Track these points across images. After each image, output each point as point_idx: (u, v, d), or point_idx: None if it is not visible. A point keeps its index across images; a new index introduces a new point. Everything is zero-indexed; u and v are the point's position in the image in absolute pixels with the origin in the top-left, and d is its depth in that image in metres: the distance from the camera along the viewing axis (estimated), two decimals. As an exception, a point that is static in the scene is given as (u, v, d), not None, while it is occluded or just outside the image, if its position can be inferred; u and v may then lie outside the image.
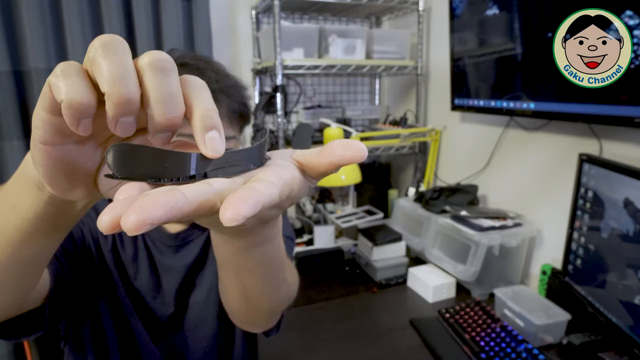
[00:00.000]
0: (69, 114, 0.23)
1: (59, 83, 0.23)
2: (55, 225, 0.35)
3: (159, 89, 0.24)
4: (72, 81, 0.23)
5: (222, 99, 0.66)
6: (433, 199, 1.49)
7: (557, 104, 1.11)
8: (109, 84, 0.23)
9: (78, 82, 0.23)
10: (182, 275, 0.76)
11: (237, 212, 0.21)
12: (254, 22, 1.84)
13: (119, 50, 0.24)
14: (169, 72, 0.25)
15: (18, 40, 1.44)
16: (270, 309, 0.58)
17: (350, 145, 0.27)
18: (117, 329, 0.73)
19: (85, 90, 0.23)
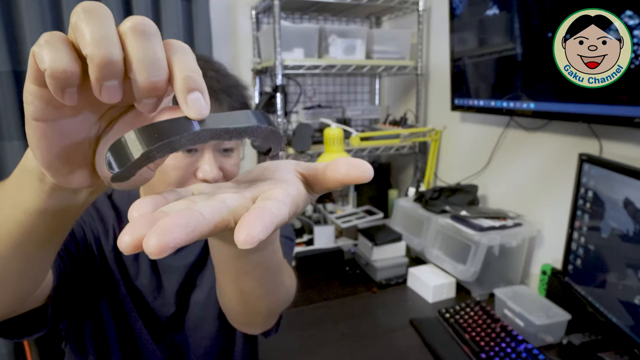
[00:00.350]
0: (53, 83, 0.23)
1: (42, 52, 0.23)
2: (59, 217, 0.35)
3: (141, 52, 0.24)
4: (55, 49, 0.23)
5: (223, 99, 0.66)
6: (433, 199, 1.49)
7: (557, 104, 1.11)
8: (90, 46, 0.23)
9: (61, 49, 0.23)
10: (183, 274, 0.76)
11: (251, 235, 0.21)
12: (254, 22, 1.84)
13: (101, 14, 0.23)
14: (151, 35, 0.24)
15: (18, 40, 1.44)
16: (268, 311, 0.58)
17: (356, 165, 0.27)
18: (118, 328, 0.73)
19: (68, 58, 0.23)
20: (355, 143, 1.61)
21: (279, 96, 1.58)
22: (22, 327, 0.53)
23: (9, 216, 0.35)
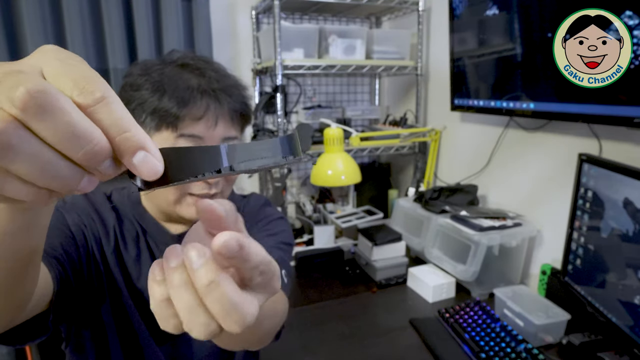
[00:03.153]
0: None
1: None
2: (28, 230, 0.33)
3: (53, 132, 0.21)
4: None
5: (223, 99, 0.66)
6: (433, 199, 1.49)
7: (557, 104, 1.11)
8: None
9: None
10: None
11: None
12: (254, 22, 1.84)
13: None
14: (53, 109, 0.21)
15: (18, 40, 1.44)
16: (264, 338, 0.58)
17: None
18: (119, 330, 0.73)
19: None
20: (355, 143, 1.61)
21: (279, 96, 1.58)
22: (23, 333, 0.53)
23: None
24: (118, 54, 1.53)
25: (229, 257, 0.26)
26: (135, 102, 0.66)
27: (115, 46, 1.52)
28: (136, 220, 0.75)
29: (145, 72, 0.66)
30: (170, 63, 0.68)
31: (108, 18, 1.50)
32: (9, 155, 0.21)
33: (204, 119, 0.65)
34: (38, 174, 0.22)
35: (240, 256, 0.26)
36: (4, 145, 0.20)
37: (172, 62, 0.68)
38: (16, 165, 0.21)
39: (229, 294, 0.25)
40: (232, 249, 0.25)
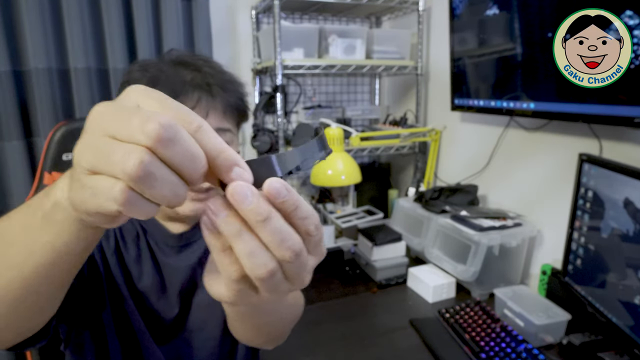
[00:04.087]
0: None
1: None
2: (95, 243, 0.36)
3: (180, 158, 0.26)
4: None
5: (217, 92, 0.67)
6: (433, 199, 1.49)
7: (557, 104, 1.11)
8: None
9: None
10: (186, 275, 0.76)
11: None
12: (254, 22, 1.84)
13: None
14: (179, 138, 0.26)
15: (18, 40, 1.44)
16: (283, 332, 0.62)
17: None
18: (119, 330, 0.73)
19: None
20: (355, 143, 1.61)
21: (279, 96, 1.58)
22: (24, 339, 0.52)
23: (41, 258, 0.34)
24: (118, 54, 1.53)
25: (279, 199, 0.28)
26: None
27: (115, 46, 1.52)
28: (136, 219, 0.75)
29: (142, 68, 0.67)
30: (168, 61, 0.69)
31: (108, 18, 1.50)
32: (149, 181, 0.24)
33: (195, 110, 0.65)
34: (166, 195, 0.26)
35: (291, 199, 0.28)
36: (147, 174, 0.24)
37: (169, 60, 0.69)
38: (152, 190, 0.25)
39: (281, 224, 0.28)
40: (281, 190, 0.28)
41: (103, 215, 0.27)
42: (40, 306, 0.41)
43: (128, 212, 0.25)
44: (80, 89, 1.51)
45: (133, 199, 0.25)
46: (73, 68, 1.49)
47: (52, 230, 0.33)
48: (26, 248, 0.34)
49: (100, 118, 0.26)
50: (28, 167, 1.51)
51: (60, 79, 1.51)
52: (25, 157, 1.50)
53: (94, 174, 0.26)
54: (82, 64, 1.49)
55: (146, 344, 0.74)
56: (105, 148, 0.25)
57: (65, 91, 1.53)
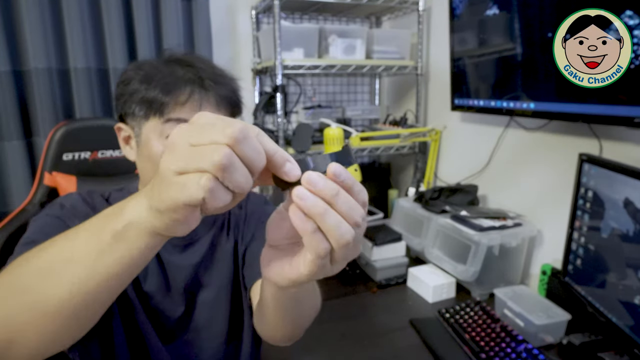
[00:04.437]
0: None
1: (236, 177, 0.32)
2: (151, 257, 0.40)
3: (250, 152, 0.32)
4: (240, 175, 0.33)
5: (209, 86, 0.68)
6: (433, 199, 1.49)
7: (557, 104, 1.11)
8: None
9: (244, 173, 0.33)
10: (189, 274, 0.77)
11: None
12: (254, 22, 1.84)
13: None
14: (250, 138, 0.33)
15: (18, 40, 1.44)
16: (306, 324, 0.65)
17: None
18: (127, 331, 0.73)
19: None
20: (355, 143, 1.61)
21: (279, 96, 1.58)
22: None
23: (97, 272, 0.38)
24: (118, 54, 1.53)
25: (341, 178, 0.34)
26: (126, 95, 0.68)
27: (115, 46, 1.52)
28: None
29: (137, 67, 0.69)
30: (161, 59, 0.71)
31: (108, 18, 1.50)
32: (231, 170, 0.31)
33: (189, 103, 0.66)
34: (241, 182, 0.32)
35: (348, 177, 0.35)
36: (231, 164, 0.31)
37: (163, 59, 0.71)
38: (232, 177, 0.31)
39: (347, 195, 0.35)
40: (341, 171, 0.34)
41: (188, 207, 0.32)
42: (92, 317, 0.43)
43: (211, 199, 0.31)
44: (80, 89, 1.51)
45: (216, 186, 0.31)
46: (73, 68, 1.49)
47: (121, 247, 0.37)
48: (92, 264, 0.38)
49: (184, 133, 0.32)
50: (28, 167, 1.51)
51: (60, 79, 1.51)
52: (25, 157, 1.50)
53: (182, 174, 0.31)
54: (82, 64, 1.49)
55: (152, 343, 0.74)
56: (193, 151, 0.31)
57: (65, 91, 1.53)
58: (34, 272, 0.40)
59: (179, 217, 0.33)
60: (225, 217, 0.82)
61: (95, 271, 0.38)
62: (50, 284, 0.39)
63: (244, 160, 0.32)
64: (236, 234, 0.82)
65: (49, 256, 0.41)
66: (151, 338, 0.74)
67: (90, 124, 1.15)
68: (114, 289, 0.41)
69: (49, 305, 0.39)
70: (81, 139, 1.10)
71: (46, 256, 0.41)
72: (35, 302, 0.40)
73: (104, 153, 1.12)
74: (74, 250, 0.39)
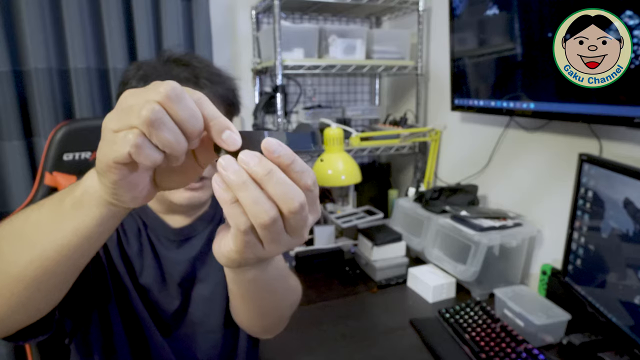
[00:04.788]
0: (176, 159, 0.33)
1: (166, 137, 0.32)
2: (111, 230, 0.40)
3: (185, 113, 0.32)
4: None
5: (204, 84, 0.69)
6: (433, 199, 1.49)
7: (557, 104, 1.11)
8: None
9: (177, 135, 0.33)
10: (186, 269, 0.78)
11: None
12: (254, 22, 1.84)
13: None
14: (183, 98, 0.32)
15: (18, 40, 1.44)
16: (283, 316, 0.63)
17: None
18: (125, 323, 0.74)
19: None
20: (355, 143, 1.61)
21: (279, 96, 1.58)
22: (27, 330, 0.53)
23: (66, 241, 0.39)
24: (118, 54, 1.53)
25: (276, 154, 0.32)
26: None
27: (115, 46, 1.52)
28: (137, 214, 0.76)
29: (136, 67, 0.70)
30: (160, 60, 0.72)
31: (108, 18, 1.50)
32: (158, 125, 0.30)
33: None
34: (170, 140, 0.31)
35: (286, 154, 0.33)
36: (157, 119, 0.30)
37: (161, 59, 0.72)
38: (159, 134, 0.30)
39: (284, 177, 0.33)
40: (276, 146, 0.32)
41: (119, 165, 0.32)
42: (53, 289, 0.44)
43: (137, 154, 0.30)
44: (80, 88, 1.51)
45: (142, 142, 0.30)
46: (73, 68, 1.49)
47: (78, 215, 0.37)
48: (51, 231, 0.39)
49: (126, 94, 0.32)
50: (28, 167, 1.51)
51: (60, 79, 1.51)
52: (25, 157, 1.49)
53: (117, 132, 0.31)
54: (82, 64, 1.49)
55: (152, 335, 0.75)
56: (127, 110, 0.31)
57: (65, 91, 1.53)
58: (2, 237, 0.42)
59: (115, 177, 0.33)
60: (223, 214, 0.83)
61: (53, 238, 0.39)
62: (13, 249, 0.41)
63: (176, 120, 0.31)
64: None
65: (18, 223, 0.42)
66: (151, 331, 0.75)
67: (91, 124, 1.15)
68: (74, 260, 0.41)
69: (11, 269, 0.40)
70: (82, 139, 1.10)
71: (16, 223, 0.42)
72: (0, 266, 0.41)
73: (104, 153, 1.12)
74: (39, 218, 0.40)
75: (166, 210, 0.77)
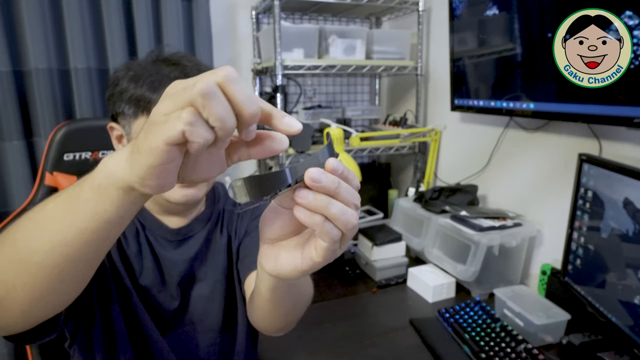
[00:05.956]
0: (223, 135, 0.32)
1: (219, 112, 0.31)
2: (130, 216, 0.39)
3: (241, 96, 0.31)
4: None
5: None
6: (433, 199, 1.49)
7: (557, 104, 1.11)
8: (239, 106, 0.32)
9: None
10: (184, 268, 0.78)
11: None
12: (254, 23, 1.84)
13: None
14: (239, 80, 0.32)
15: (18, 41, 1.44)
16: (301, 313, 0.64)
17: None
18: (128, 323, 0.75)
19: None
20: (355, 143, 1.62)
21: (279, 96, 1.58)
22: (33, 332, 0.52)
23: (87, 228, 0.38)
24: (118, 54, 1.53)
25: (339, 171, 0.36)
26: (116, 95, 0.69)
27: (115, 46, 1.52)
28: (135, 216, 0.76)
29: (126, 68, 0.71)
30: (150, 59, 0.72)
31: (108, 18, 1.50)
32: (212, 99, 0.30)
33: None
34: (223, 115, 0.30)
35: (345, 168, 0.36)
36: (213, 93, 0.30)
37: (151, 59, 0.72)
38: (212, 108, 0.30)
39: (348, 186, 0.36)
40: (338, 165, 0.36)
41: (168, 146, 0.31)
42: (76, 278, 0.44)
43: (190, 133, 0.30)
44: (80, 89, 1.51)
45: (195, 119, 0.30)
46: (73, 68, 1.49)
47: (97, 199, 0.37)
48: (70, 217, 0.38)
49: (179, 82, 0.32)
50: (28, 167, 1.51)
51: (60, 79, 1.51)
52: (25, 158, 1.50)
53: (168, 114, 0.31)
54: (82, 64, 1.49)
55: (152, 335, 0.76)
56: (181, 92, 0.30)
57: (65, 91, 1.53)
58: (22, 227, 0.41)
59: (158, 160, 0.31)
60: (220, 214, 0.84)
61: (73, 224, 0.38)
62: (33, 236, 0.40)
63: (231, 100, 0.31)
64: (230, 229, 0.84)
65: (37, 213, 0.41)
66: (150, 330, 0.76)
67: (91, 124, 1.15)
68: (94, 246, 0.40)
69: (33, 258, 0.40)
70: (82, 139, 1.10)
71: (32, 215, 0.41)
72: (20, 255, 0.40)
73: (105, 153, 1.12)
74: (56, 206, 0.40)
75: (162, 211, 0.77)
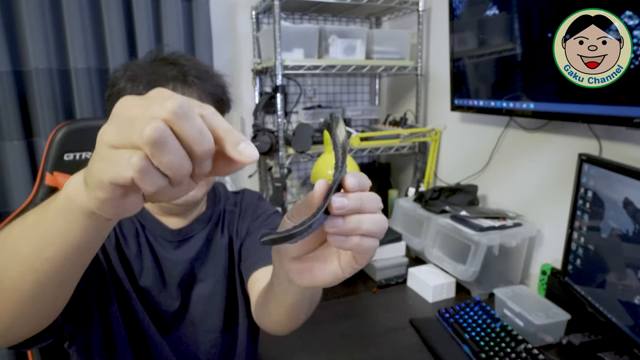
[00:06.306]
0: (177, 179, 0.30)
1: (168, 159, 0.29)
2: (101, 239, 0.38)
3: (191, 131, 0.29)
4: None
5: (192, 82, 0.68)
6: (433, 199, 1.49)
7: (557, 104, 1.11)
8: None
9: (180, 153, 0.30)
10: (184, 269, 0.78)
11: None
12: (254, 23, 1.84)
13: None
14: (191, 114, 0.29)
15: (18, 41, 1.44)
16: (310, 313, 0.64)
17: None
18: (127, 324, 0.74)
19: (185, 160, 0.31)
20: (355, 143, 1.62)
21: (279, 96, 1.58)
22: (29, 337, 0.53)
23: (54, 250, 0.37)
24: (118, 54, 1.53)
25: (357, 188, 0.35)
26: (114, 95, 0.69)
27: (115, 46, 1.52)
28: (134, 216, 0.76)
29: (124, 68, 0.70)
30: (147, 59, 0.72)
31: (108, 18, 1.50)
32: (163, 147, 0.27)
33: None
34: (175, 164, 0.28)
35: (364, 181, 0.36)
36: (163, 140, 0.27)
37: (149, 58, 0.72)
38: (164, 157, 0.27)
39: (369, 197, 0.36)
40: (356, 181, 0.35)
41: (115, 186, 0.29)
42: (51, 301, 0.43)
43: (141, 180, 0.27)
44: (80, 89, 1.51)
45: (147, 167, 0.27)
46: (73, 68, 1.49)
47: (62, 223, 0.35)
48: (38, 243, 0.37)
49: (125, 104, 0.29)
50: (28, 167, 1.51)
51: (60, 79, 1.51)
52: (25, 158, 1.50)
53: (116, 149, 0.28)
54: (82, 64, 1.49)
55: (152, 336, 0.76)
56: (128, 124, 0.28)
57: (65, 91, 1.53)
58: None
59: (107, 195, 0.30)
60: (220, 214, 0.84)
61: (40, 251, 0.37)
62: (2, 262, 0.39)
63: (182, 140, 0.28)
64: (231, 230, 0.83)
65: (6, 236, 0.39)
66: (150, 331, 0.75)
67: (92, 124, 1.15)
68: (66, 271, 0.39)
69: (4, 283, 0.39)
70: (82, 139, 1.10)
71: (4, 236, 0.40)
72: None
73: (105, 153, 1.12)
74: (24, 230, 0.38)
75: (162, 211, 0.77)
